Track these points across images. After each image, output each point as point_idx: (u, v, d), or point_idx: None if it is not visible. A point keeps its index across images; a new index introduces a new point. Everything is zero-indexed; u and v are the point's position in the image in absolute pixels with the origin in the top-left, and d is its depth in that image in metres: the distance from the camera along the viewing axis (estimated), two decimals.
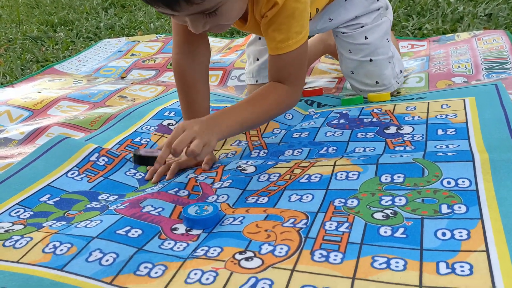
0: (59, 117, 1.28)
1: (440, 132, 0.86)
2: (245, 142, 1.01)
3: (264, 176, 0.80)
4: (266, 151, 0.94)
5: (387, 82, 1.13)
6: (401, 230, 0.59)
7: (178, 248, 0.63)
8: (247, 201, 0.73)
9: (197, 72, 0.95)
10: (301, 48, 0.88)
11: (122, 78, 1.72)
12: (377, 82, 1.12)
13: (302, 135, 0.97)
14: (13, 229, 0.69)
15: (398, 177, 0.71)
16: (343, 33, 1.11)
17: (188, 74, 0.95)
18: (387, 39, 1.12)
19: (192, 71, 0.95)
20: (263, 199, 0.73)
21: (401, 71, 1.19)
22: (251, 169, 0.83)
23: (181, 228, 0.68)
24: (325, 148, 0.90)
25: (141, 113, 1.16)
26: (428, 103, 1.01)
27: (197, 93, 0.95)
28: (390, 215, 0.63)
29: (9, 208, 0.76)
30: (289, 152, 0.91)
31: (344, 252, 0.57)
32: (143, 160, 0.75)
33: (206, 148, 0.75)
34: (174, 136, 0.74)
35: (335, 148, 0.89)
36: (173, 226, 0.68)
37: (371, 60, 1.10)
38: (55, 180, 0.84)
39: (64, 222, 0.71)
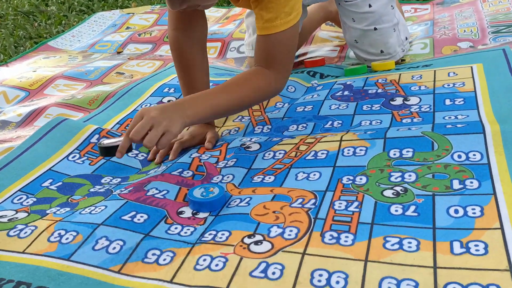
0: (56, 97, 1.25)
1: (448, 102, 0.84)
2: (247, 118, 0.98)
3: (269, 154, 0.78)
4: (269, 126, 0.92)
5: (392, 50, 1.10)
6: (412, 208, 0.58)
7: (186, 233, 0.61)
8: (253, 181, 0.72)
9: (194, 48, 0.92)
10: (290, 31, 0.83)
11: (118, 53, 1.68)
12: (382, 51, 1.09)
13: (306, 109, 0.95)
14: (16, 218, 0.68)
15: (407, 151, 0.70)
16: (346, 1, 1.07)
17: (186, 51, 0.91)
18: (391, 5, 1.08)
19: (190, 47, 0.91)
20: (269, 178, 0.72)
21: (406, 38, 1.15)
22: (255, 147, 0.81)
23: (187, 212, 0.66)
24: (330, 122, 0.87)
25: (140, 90, 1.14)
26: (435, 71, 0.98)
27: (196, 69, 0.92)
28: (400, 192, 0.61)
29: (11, 195, 0.75)
30: (293, 127, 0.89)
31: (355, 233, 0.56)
32: (107, 151, 0.73)
33: (165, 136, 0.71)
34: (133, 124, 0.71)
35: (340, 122, 0.87)
36: (179, 210, 0.67)
37: (375, 29, 1.06)
38: (56, 164, 0.83)
39: (68, 209, 0.69)
